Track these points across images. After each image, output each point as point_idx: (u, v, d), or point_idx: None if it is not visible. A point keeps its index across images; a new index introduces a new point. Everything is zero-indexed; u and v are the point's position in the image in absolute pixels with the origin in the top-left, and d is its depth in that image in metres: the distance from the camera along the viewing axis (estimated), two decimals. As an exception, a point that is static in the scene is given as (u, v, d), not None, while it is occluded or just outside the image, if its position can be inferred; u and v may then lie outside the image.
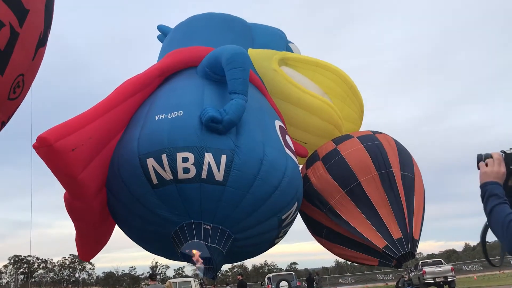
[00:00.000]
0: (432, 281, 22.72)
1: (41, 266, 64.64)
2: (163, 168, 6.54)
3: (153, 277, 13.04)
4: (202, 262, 6.71)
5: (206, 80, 7.78)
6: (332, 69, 10.70)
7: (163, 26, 11.57)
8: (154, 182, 6.64)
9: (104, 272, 68.13)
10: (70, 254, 64.11)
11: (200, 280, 28.81)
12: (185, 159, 6.51)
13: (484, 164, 2.27)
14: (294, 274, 28.71)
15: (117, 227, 8.07)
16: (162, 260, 64.77)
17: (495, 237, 2.14)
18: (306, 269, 63.22)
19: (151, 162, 6.58)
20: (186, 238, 6.81)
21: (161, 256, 8.88)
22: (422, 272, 23.36)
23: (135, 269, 67.83)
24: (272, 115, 8.24)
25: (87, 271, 66.26)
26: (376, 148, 9.26)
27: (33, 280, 63.06)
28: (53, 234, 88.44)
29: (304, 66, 10.62)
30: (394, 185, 8.94)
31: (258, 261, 70.48)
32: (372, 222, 8.77)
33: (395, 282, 28.89)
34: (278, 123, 8.03)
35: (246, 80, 7.21)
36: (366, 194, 8.86)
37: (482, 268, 40.35)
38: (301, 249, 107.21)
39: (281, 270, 62.51)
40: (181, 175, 6.54)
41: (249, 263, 69.41)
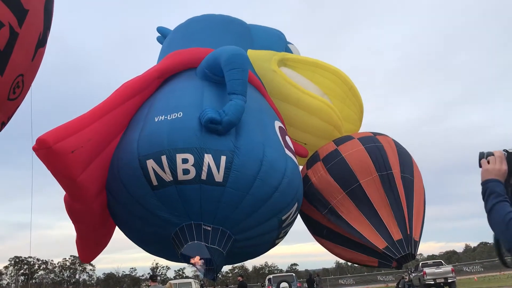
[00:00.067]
0: (432, 282, 22.69)
1: (41, 267, 64.71)
2: (163, 169, 6.54)
3: (153, 278, 13.00)
4: (202, 263, 6.71)
5: (205, 81, 7.78)
6: (331, 69, 10.69)
7: (163, 28, 11.59)
8: (154, 183, 6.63)
9: (104, 273, 68.24)
10: (71, 255, 64.23)
11: (200, 281, 28.80)
12: (184, 160, 6.50)
13: (486, 161, 2.27)
14: (294, 275, 28.62)
15: (117, 229, 8.07)
16: (163, 261, 64.82)
17: (495, 235, 2.13)
18: (306, 270, 63.23)
19: (151, 164, 6.57)
20: (186, 239, 6.80)
21: (161, 257, 8.87)
22: (422, 273, 23.34)
23: (136, 270, 67.92)
24: (271, 116, 8.23)
25: (88, 272, 66.35)
26: (376, 149, 9.25)
27: (33, 281, 63.07)
28: (53, 235, 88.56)
29: (303, 67, 10.61)
30: (394, 187, 8.93)
31: (258, 262, 70.53)
32: (372, 223, 8.76)
33: (396, 283, 28.86)
34: (277, 124, 8.02)
35: (245, 80, 7.20)
36: (366, 195, 8.85)
37: (482, 269, 40.34)
38: (301, 250, 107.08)
39: (281, 271, 62.48)
40: (181, 176, 6.53)
41: (249, 264, 69.47)
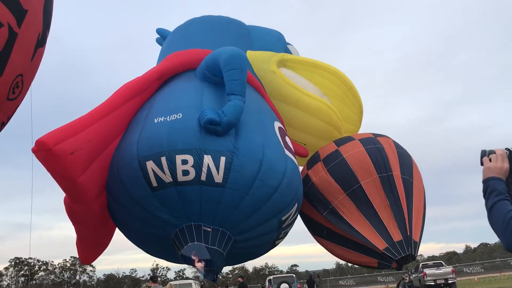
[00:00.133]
0: (432, 283, 22.72)
1: (41, 269, 64.68)
2: (163, 170, 6.52)
3: (154, 279, 13.02)
4: (203, 264, 6.70)
5: (205, 82, 7.77)
6: (331, 70, 10.68)
7: (162, 29, 11.58)
8: (154, 184, 6.62)
9: (105, 274, 68.24)
10: (71, 256, 64.21)
11: (200, 282, 28.77)
12: (184, 162, 6.49)
13: (487, 159, 2.27)
14: (295, 276, 28.64)
15: (117, 230, 8.06)
16: (163, 262, 64.89)
17: (494, 233, 2.13)
18: (307, 271, 63.32)
19: (151, 165, 6.56)
20: (186, 241, 6.78)
21: (161, 258, 8.86)
22: (422, 274, 23.36)
23: (136, 271, 67.89)
24: (271, 117, 8.22)
25: (88, 273, 66.31)
26: (377, 151, 9.26)
27: (33, 282, 63.05)
28: (54, 236, 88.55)
29: (303, 68, 10.59)
30: (394, 188, 8.94)
31: (258, 263, 70.58)
32: (372, 224, 8.76)
33: (396, 284, 28.86)
34: (277, 125, 8.01)
35: (244, 81, 7.18)
36: (367, 196, 8.85)
37: (482, 270, 40.35)
38: (301, 251, 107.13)
39: (281, 272, 62.50)
40: (180, 178, 6.51)
41: (249, 265, 69.47)
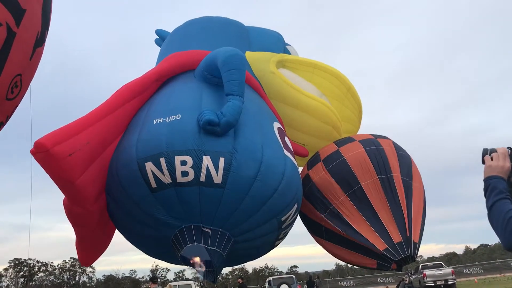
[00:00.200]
0: (432, 284, 22.73)
1: (41, 270, 64.58)
2: (162, 172, 6.51)
3: (154, 280, 13.03)
4: (202, 265, 6.69)
5: (204, 83, 7.77)
6: (330, 70, 10.68)
7: (161, 31, 11.56)
8: (153, 186, 6.60)
9: (104, 275, 68.16)
10: (71, 257, 64.12)
11: (200, 283, 28.77)
12: (183, 163, 6.47)
13: (489, 158, 2.27)
14: (294, 277, 28.60)
15: (117, 231, 8.05)
16: (163, 263, 64.85)
17: (494, 232, 2.12)
18: (306, 272, 63.30)
19: (150, 166, 6.54)
20: (186, 242, 6.77)
21: (161, 260, 8.84)
22: (422, 275, 23.36)
23: (136, 272, 67.85)
24: (270, 117, 8.22)
25: (88, 274, 66.22)
26: (377, 152, 9.27)
27: (33, 283, 62.99)
28: (53, 237, 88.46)
29: (302, 68, 10.59)
30: (394, 190, 8.95)
31: (258, 264, 70.56)
32: (373, 225, 8.76)
33: (396, 285, 28.82)
34: (276, 125, 8.01)
35: (242, 81, 7.16)
36: (367, 197, 8.86)
37: (482, 271, 40.31)
38: (301, 252, 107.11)
39: (281, 273, 62.50)
40: (179, 179, 6.50)
41: (249, 266, 69.46)
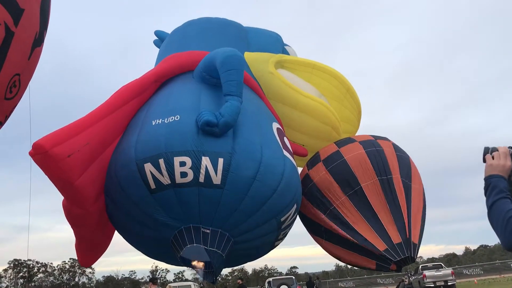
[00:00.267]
0: (432, 285, 22.74)
1: (41, 270, 64.56)
2: (161, 172, 6.50)
3: (154, 280, 13.03)
4: (202, 265, 6.68)
5: (203, 84, 7.76)
6: (329, 71, 10.67)
7: (160, 31, 11.56)
8: (152, 187, 6.59)
9: (104, 276, 68.16)
10: (70, 258, 64.10)
11: (200, 284, 28.77)
12: (182, 163, 6.46)
13: (490, 157, 2.26)
14: (294, 278, 28.65)
15: (116, 232, 8.04)
16: (162, 264, 64.75)
17: (494, 231, 2.11)
18: (306, 273, 63.34)
19: (149, 167, 6.53)
20: (185, 243, 6.75)
21: (161, 261, 8.83)
22: (422, 276, 23.36)
23: (135, 273, 67.89)
24: (269, 118, 8.22)
25: (87, 275, 66.22)
26: (377, 153, 9.28)
27: (32, 284, 62.97)
28: (53, 238, 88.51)
29: (301, 68, 10.58)
30: (394, 191, 8.96)
31: (258, 265, 70.58)
32: (372, 226, 8.77)
33: (395, 286, 28.82)
34: (275, 125, 8.01)
35: (241, 81, 7.15)
36: (367, 198, 8.87)
37: (482, 272, 40.32)
38: (301, 253, 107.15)
39: (281, 274, 62.56)
40: (178, 180, 6.49)
41: (249, 267, 69.55)
